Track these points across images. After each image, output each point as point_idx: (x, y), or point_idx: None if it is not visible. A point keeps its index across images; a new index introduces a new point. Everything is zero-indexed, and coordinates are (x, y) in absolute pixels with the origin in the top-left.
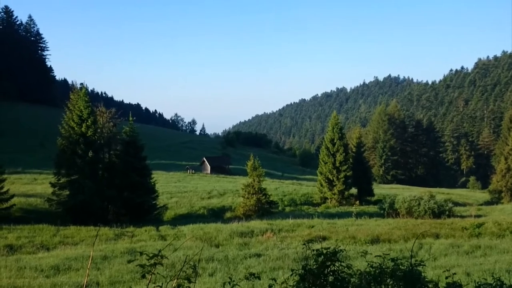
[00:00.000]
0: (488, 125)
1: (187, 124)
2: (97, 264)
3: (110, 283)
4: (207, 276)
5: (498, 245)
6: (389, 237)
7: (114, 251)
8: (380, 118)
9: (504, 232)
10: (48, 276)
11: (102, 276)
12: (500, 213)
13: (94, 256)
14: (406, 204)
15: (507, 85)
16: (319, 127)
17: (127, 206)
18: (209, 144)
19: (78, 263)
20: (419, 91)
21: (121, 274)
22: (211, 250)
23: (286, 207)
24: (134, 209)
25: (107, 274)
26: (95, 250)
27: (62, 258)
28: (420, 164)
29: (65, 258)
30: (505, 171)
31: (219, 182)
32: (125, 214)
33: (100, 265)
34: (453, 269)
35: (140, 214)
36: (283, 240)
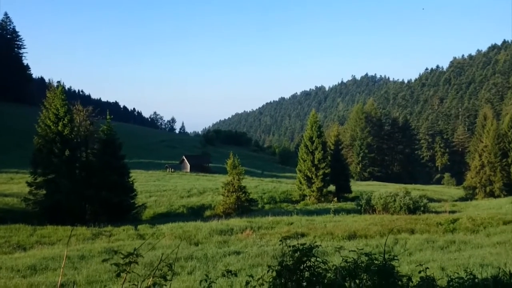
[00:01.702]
0: (463, 123)
1: (167, 123)
2: (74, 263)
3: (88, 282)
4: (186, 275)
5: (472, 240)
6: (366, 233)
7: (92, 250)
8: (357, 116)
9: (478, 228)
10: (24, 276)
11: (79, 275)
12: (474, 209)
13: (72, 256)
14: (382, 200)
15: (482, 83)
16: (298, 125)
17: (105, 206)
18: (188, 142)
19: (55, 262)
20: (395, 89)
21: (99, 273)
22: (190, 248)
23: (266, 205)
24: (112, 208)
25: (84, 273)
26: (72, 249)
27: (39, 258)
28: (396, 161)
29: (42, 258)
30: (479, 167)
31: (198, 181)
32: (103, 214)
33: (77, 264)
34: (428, 264)
35: (118, 214)
36: (263, 237)
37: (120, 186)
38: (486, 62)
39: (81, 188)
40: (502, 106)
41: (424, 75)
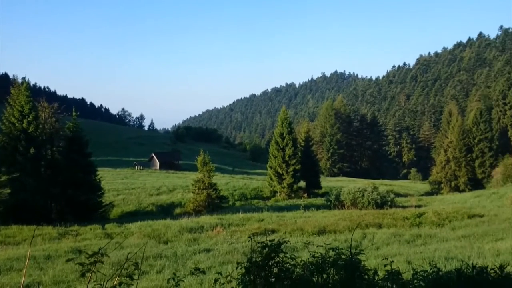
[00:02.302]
0: (429, 119)
1: (135, 120)
2: (40, 264)
3: (54, 282)
4: (155, 273)
5: (438, 234)
6: (335, 228)
7: (58, 250)
8: (327, 113)
9: (443, 222)
10: None
11: (45, 276)
12: (439, 203)
13: (37, 256)
14: (351, 195)
15: (447, 80)
16: (269, 122)
17: (71, 204)
18: (158, 139)
19: (20, 263)
20: (363, 86)
21: (65, 273)
22: (159, 247)
23: (237, 202)
24: (78, 207)
25: (50, 274)
26: (38, 249)
27: (3, 259)
28: (364, 157)
29: (6, 259)
30: (444, 162)
31: (168, 178)
32: (69, 213)
33: (43, 265)
34: (394, 257)
35: (85, 212)
36: (233, 234)
37: (86, 184)
38: (452, 60)
39: (46, 187)
40: (467, 102)
41: (392, 72)
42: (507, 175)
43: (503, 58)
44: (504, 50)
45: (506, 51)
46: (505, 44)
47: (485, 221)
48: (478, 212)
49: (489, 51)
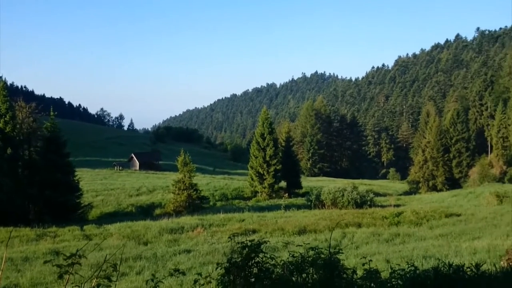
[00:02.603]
0: (407, 120)
1: (114, 119)
2: (17, 266)
3: (31, 285)
4: (135, 275)
5: (416, 233)
6: (315, 228)
7: (36, 252)
8: (307, 113)
9: (421, 221)
10: None
11: (23, 278)
12: (418, 202)
13: (15, 258)
14: (331, 195)
15: (425, 81)
16: (250, 122)
17: (49, 205)
18: (138, 139)
19: None
20: (343, 87)
21: (43, 275)
22: (139, 248)
23: (218, 202)
24: (56, 208)
25: (28, 276)
26: (15, 251)
27: None
28: (344, 157)
29: None
30: (422, 162)
31: (148, 179)
32: (47, 214)
33: (21, 266)
34: (373, 256)
35: (63, 213)
36: (214, 234)
37: (64, 185)
38: (430, 61)
39: (24, 187)
40: (444, 103)
41: (371, 73)
42: (483, 175)
43: (480, 60)
44: (480, 51)
45: (483, 53)
46: (482, 46)
47: (462, 220)
48: (455, 211)
49: (466, 53)
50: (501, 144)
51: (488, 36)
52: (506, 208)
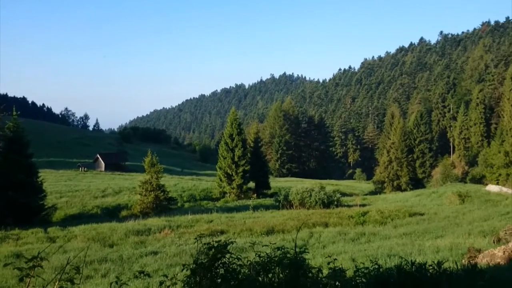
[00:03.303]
0: (373, 121)
1: (79, 119)
2: None
3: None
4: (100, 278)
5: (381, 232)
6: (283, 228)
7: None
8: (276, 114)
9: (386, 220)
10: None
11: None
12: (383, 202)
13: None
14: (299, 195)
15: (390, 83)
16: (219, 122)
17: (11, 207)
18: (103, 140)
19: None
20: (311, 88)
21: (5, 279)
22: (104, 250)
23: (186, 203)
24: (19, 210)
25: None
26: None
27: None
28: (312, 158)
29: None
30: (387, 163)
31: (114, 180)
32: (9, 216)
33: None
34: (340, 255)
35: (26, 215)
36: (181, 236)
37: (27, 186)
38: (394, 64)
39: None
40: (408, 105)
41: (338, 75)
42: (445, 175)
43: (443, 63)
44: (443, 55)
45: (446, 56)
46: (445, 49)
47: (426, 219)
48: (418, 211)
49: (430, 56)
50: (463, 145)
51: (451, 39)
52: (468, 207)
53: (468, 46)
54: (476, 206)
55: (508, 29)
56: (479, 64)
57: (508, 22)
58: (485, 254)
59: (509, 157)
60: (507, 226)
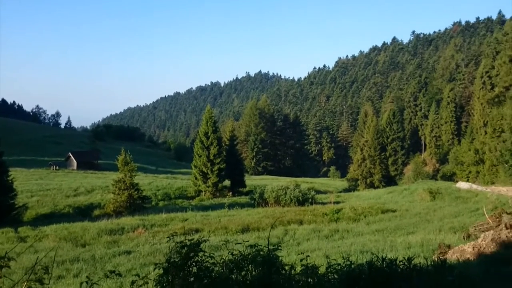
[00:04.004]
0: (347, 119)
1: (50, 117)
2: None
3: None
4: (72, 278)
5: (354, 229)
6: (258, 226)
7: None
8: (251, 112)
9: (359, 217)
10: None
11: None
12: (356, 199)
13: None
14: (274, 193)
15: (363, 82)
16: (194, 120)
17: None
18: (75, 138)
19: None
20: (286, 87)
21: None
22: (76, 250)
23: (160, 202)
24: None
25: None
26: None
27: None
28: (287, 156)
29: None
30: (360, 161)
31: (86, 179)
32: None
33: None
34: (314, 252)
35: None
36: (155, 235)
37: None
38: (368, 63)
39: None
40: (381, 104)
41: (313, 73)
42: (417, 172)
43: (415, 62)
44: (415, 54)
45: (418, 55)
46: (417, 48)
47: (397, 216)
48: (391, 208)
49: (402, 55)
50: (434, 143)
51: (423, 39)
52: (439, 204)
53: (439, 46)
54: (447, 203)
55: (478, 29)
56: (450, 63)
57: (478, 22)
58: (455, 250)
59: (479, 154)
60: (476, 222)
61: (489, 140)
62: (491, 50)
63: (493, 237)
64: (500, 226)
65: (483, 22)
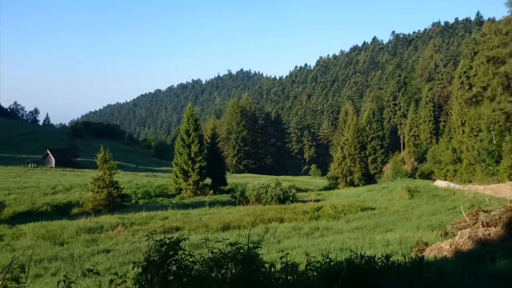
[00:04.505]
0: (327, 118)
1: (29, 114)
2: None
3: None
4: (49, 276)
5: (334, 226)
6: (239, 224)
7: None
8: (233, 111)
9: (339, 214)
10: None
11: None
12: (336, 197)
13: None
14: (255, 191)
15: (344, 81)
16: (175, 118)
17: None
18: (54, 135)
19: None
20: (268, 85)
21: None
22: (54, 248)
23: (140, 200)
24: None
25: None
26: None
27: None
28: (269, 154)
29: None
30: (341, 159)
31: (65, 176)
32: None
33: None
34: (294, 250)
35: None
36: (135, 233)
37: None
38: (348, 62)
39: None
40: (361, 103)
41: (294, 72)
42: (396, 171)
43: (394, 62)
44: (395, 54)
45: (397, 55)
46: (396, 48)
47: (376, 214)
48: (370, 205)
49: (382, 55)
50: (413, 142)
51: (403, 39)
52: (417, 202)
53: (419, 46)
54: (425, 201)
55: (457, 29)
56: (429, 63)
57: (457, 23)
58: (433, 248)
59: (457, 153)
60: (454, 220)
61: (466, 139)
62: (469, 51)
63: (470, 235)
64: (477, 224)
65: (462, 22)
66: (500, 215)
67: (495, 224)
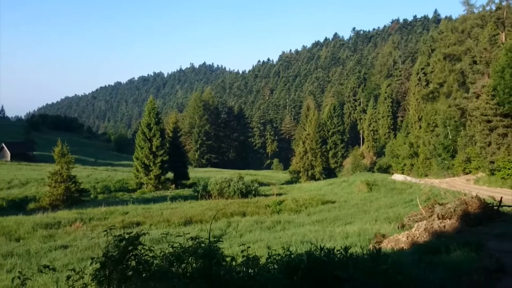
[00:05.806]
0: (290, 113)
1: None
2: None
3: None
4: (5, 273)
5: (295, 220)
6: (201, 218)
7: None
8: (196, 104)
9: (300, 208)
10: None
11: None
12: (298, 191)
13: None
14: (218, 186)
15: (306, 76)
16: (136, 111)
17: None
18: (9, 128)
19: None
20: (231, 79)
21: None
22: (10, 244)
23: (99, 195)
24: None
25: None
26: None
27: None
28: (231, 148)
29: None
30: (302, 153)
31: (21, 171)
32: None
33: None
34: (256, 243)
35: None
36: (94, 229)
37: None
38: (310, 57)
39: None
40: (323, 98)
41: (257, 67)
42: (355, 165)
43: (355, 58)
44: (355, 50)
45: (357, 52)
46: (357, 45)
47: (337, 207)
48: (330, 199)
49: (343, 51)
50: (372, 136)
51: (363, 36)
52: (375, 195)
53: (378, 43)
54: (383, 194)
55: (415, 27)
56: (388, 60)
57: (415, 20)
58: (390, 240)
59: (414, 148)
60: (410, 213)
61: (423, 134)
62: (427, 48)
63: (426, 227)
64: (432, 217)
65: (420, 20)
66: (455, 208)
67: (450, 217)
